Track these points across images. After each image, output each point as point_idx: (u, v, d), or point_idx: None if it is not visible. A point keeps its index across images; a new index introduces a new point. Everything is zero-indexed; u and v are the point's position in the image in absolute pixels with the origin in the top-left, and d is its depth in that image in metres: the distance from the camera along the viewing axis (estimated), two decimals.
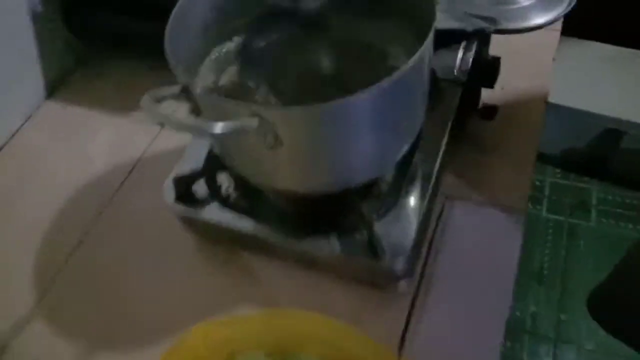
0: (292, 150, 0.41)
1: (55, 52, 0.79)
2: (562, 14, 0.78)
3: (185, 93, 0.41)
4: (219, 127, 0.36)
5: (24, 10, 0.73)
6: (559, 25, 0.77)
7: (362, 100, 0.38)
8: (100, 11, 0.75)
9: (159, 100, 0.40)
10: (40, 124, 0.76)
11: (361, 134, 0.42)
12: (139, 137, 0.71)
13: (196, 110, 0.43)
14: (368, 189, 0.52)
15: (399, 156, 0.48)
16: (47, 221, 0.64)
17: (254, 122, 0.37)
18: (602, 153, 1.54)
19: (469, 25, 0.63)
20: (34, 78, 0.77)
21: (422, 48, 0.39)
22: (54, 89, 0.80)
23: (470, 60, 0.60)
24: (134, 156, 0.70)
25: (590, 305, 1.00)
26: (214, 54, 0.52)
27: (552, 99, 1.39)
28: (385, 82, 0.37)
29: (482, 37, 0.62)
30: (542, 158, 1.61)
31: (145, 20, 0.71)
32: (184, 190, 0.54)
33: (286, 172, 0.45)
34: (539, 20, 0.78)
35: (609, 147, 1.51)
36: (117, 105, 0.76)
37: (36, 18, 0.75)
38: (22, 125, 0.76)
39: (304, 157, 0.43)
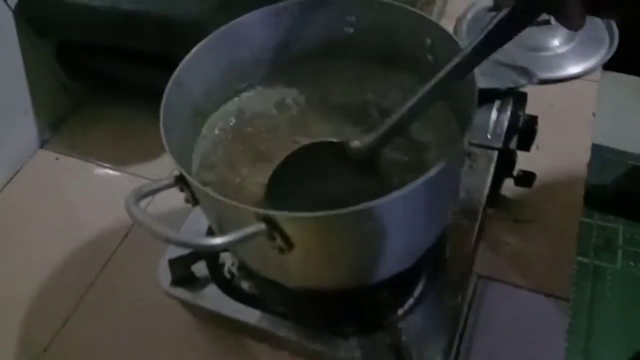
0: (305, 254, 0.35)
1: (50, 98, 0.74)
2: (601, 62, 0.71)
3: (180, 183, 0.35)
4: (219, 242, 0.29)
5: (16, 55, 0.68)
6: (597, 76, 0.70)
7: (385, 206, 0.31)
8: (97, 55, 0.70)
9: (148, 195, 0.33)
10: (31, 178, 0.71)
11: (383, 236, 0.35)
12: None
13: (192, 200, 0.36)
14: (391, 278, 0.45)
15: (426, 249, 0.42)
16: (32, 294, 0.58)
17: (260, 228, 0.31)
18: (628, 190, 1.46)
19: (503, 83, 0.56)
20: (26, 127, 0.72)
21: (458, 148, 0.32)
22: (47, 137, 0.74)
23: (506, 122, 0.53)
24: (129, 218, 0.63)
25: None
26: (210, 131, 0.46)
27: None
28: (413, 185, 0.31)
29: (517, 96, 0.56)
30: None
31: (142, 66, 0.65)
32: (181, 273, 0.47)
33: (298, 273, 0.39)
34: (576, 69, 0.71)
35: (635, 185, 1.43)
36: (113, 156, 0.70)
37: (29, 63, 0.69)
38: (12, 178, 0.70)
39: (319, 259, 0.36)
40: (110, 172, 0.69)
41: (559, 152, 0.62)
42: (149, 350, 0.52)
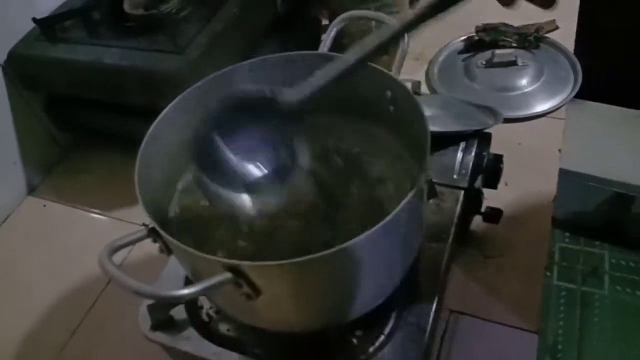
0: (272, 299, 0.37)
1: (38, 147, 0.77)
2: (566, 101, 0.75)
3: (153, 235, 0.37)
4: (186, 292, 0.31)
5: (5, 108, 0.71)
6: (562, 113, 0.73)
7: (348, 250, 0.34)
8: (84, 107, 0.73)
9: (122, 247, 0.36)
10: (19, 224, 0.73)
11: (349, 278, 0.37)
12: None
13: (166, 250, 0.39)
14: (362, 317, 0.47)
15: (393, 287, 0.44)
16: (14, 344, 0.59)
17: (226, 277, 0.33)
18: (613, 217, 1.48)
19: (468, 125, 0.59)
20: (14, 177, 0.74)
21: (412, 192, 0.35)
22: (35, 184, 0.77)
23: (471, 163, 0.56)
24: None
25: None
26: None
27: (559, 164, 1.36)
28: (375, 230, 0.33)
29: (482, 136, 0.59)
30: (551, 221, 1.56)
31: (126, 118, 0.68)
32: (160, 317, 0.49)
33: (269, 316, 0.40)
34: (542, 107, 0.75)
35: (620, 212, 1.46)
36: (98, 203, 0.73)
37: (18, 115, 0.72)
38: (1, 224, 0.72)
39: (287, 303, 0.38)
40: (97, 217, 0.72)
41: (526, 188, 0.65)
42: None
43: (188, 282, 0.50)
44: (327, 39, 0.50)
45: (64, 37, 0.67)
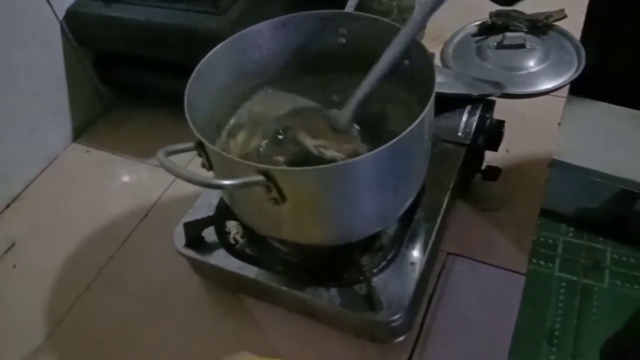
0: (295, 206, 0.44)
1: (84, 99, 0.85)
2: (569, 81, 0.81)
3: (199, 148, 0.44)
4: (226, 183, 0.38)
5: (59, 60, 0.79)
6: (564, 92, 0.79)
7: (362, 164, 0.41)
8: (128, 64, 0.81)
9: (174, 153, 0.43)
10: (64, 167, 0.81)
11: (362, 194, 0.44)
12: (155, 184, 0.75)
13: (208, 165, 0.46)
14: (369, 242, 0.54)
15: (399, 213, 0.51)
16: (58, 265, 0.67)
17: (259, 179, 0.40)
18: (617, 214, 1.53)
19: (474, 91, 0.66)
20: (62, 124, 0.82)
21: (421, 117, 0.42)
22: (80, 133, 0.85)
23: (474, 123, 0.63)
24: (149, 201, 0.73)
25: (603, 355, 0.99)
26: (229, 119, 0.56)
27: (567, 159, 1.42)
28: (384, 149, 0.40)
29: (486, 102, 0.65)
30: (556, 216, 1.61)
31: (167, 75, 0.76)
32: (194, 236, 0.56)
33: (289, 225, 0.47)
34: (546, 85, 0.81)
35: (624, 208, 1.50)
36: (137, 152, 0.80)
37: (70, 68, 0.80)
38: (48, 166, 0.81)
39: (306, 213, 0.45)
40: (135, 163, 0.79)
41: (525, 155, 0.71)
42: (161, 311, 0.61)
43: (217, 212, 0.57)
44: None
45: None
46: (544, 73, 0.83)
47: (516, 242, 0.61)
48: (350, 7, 0.57)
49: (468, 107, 0.65)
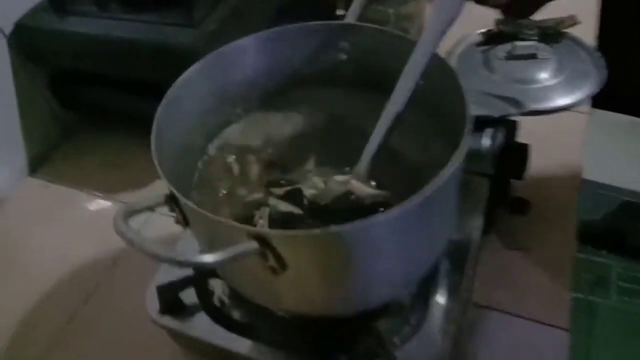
0: (298, 275, 0.34)
1: (41, 126, 0.73)
2: (589, 95, 0.72)
3: (170, 203, 0.34)
4: (208, 261, 0.28)
5: (9, 82, 0.68)
6: (585, 108, 0.71)
7: (382, 224, 0.31)
8: (89, 84, 0.70)
9: (137, 212, 0.33)
10: (20, 205, 0.69)
11: (380, 256, 0.35)
12: None
13: (183, 221, 0.36)
14: (387, 305, 0.44)
15: (423, 273, 0.41)
16: (10, 327, 0.56)
17: (252, 247, 0.30)
18: (620, 226, 1.46)
19: (494, 110, 0.57)
20: (15, 156, 0.71)
21: (456, 164, 0.32)
22: (37, 165, 0.73)
23: (497, 149, 0.53)
24: (118, 245, 0.61)
25: None
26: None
27: (596, 178, 1.33)
28: (411, 203, 0.30)
29: (509, 124, 0.56)
30: (589, 236, 1.53)
31: (135, 96, 0.66)
32: (169, 300, 0.46)
33: (290, 295, 0.38)
34: (564, 100, 0.72)
35: (627, 221, 1.44)
36: (103, 185, 0.69)
37: (22, 91, 0.69)
38: (1, 205, 0.69)
39: (313, 281, 0.35)
40: (100, 200, 0.68)
41: (550, 181, 0.62)
42: None
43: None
44: (355, 8, 0.47)
45: (73, 9, 0.64)
46: (559, 86, 0.74)
47: (552, 288, 0.52)
48: (351, 16, 0.47)
49: (488, 131, 0.55)
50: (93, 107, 0.73)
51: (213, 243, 0.36)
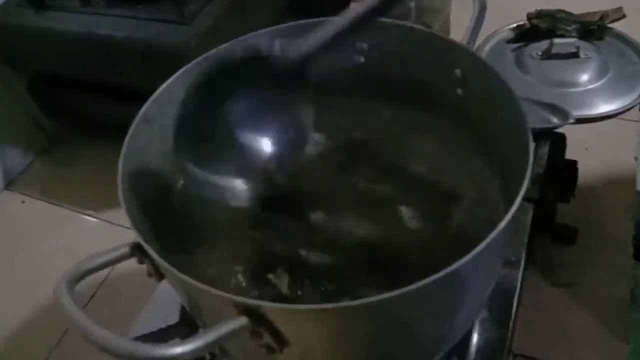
0: (303, 351, 0.26)
1: (19, 134, 0.67)
2: (637, 101, 0.63)
3: (139, 253, 0.27)
4: (179, 350, 0.20)
5: None
6: (635, 114, 0.62)
7: (412, 295, 0.23)
8: (73, 89, 0.62)
9: (94, 271, 0.25)
10: None
11: (405, 328, 0.26)
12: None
13: (156, 274, 0.28)
14: None
15: (461, 336, 0.33)
16: None
17: (241, 323, 0.22)
18: None
19: (535, 121, 0.48)
20: None
21: (510, 214, 0.24)
22: (14, 177, 0.66)
23: (542, 169, 0.45)
24: (98, 275, 0.54)
25: None
26: None
27: None
28: (455, 266, 0.22)
29: (555, 138, 0.48)
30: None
31: (123, 102, 0.58)
32: None
33: None
34: (609, 107, 0.63)
35: None
36: (86, 202, 0.63)
37: None
38: None
39: (321, 358, 0.27)
40: (85, 218, 0.61)
41: (599, 202, 0.53)
42: None
43: (184, 315, 0.40)
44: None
45: (51, 4, 0.57)
46: (603, 90, 0.65)
47: (604, 333, 0.44)
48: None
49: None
50: (77, 114, 0.66)
51: (193, 307, 0.28)
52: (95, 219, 0.61)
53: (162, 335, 0.38)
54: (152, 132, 0.34)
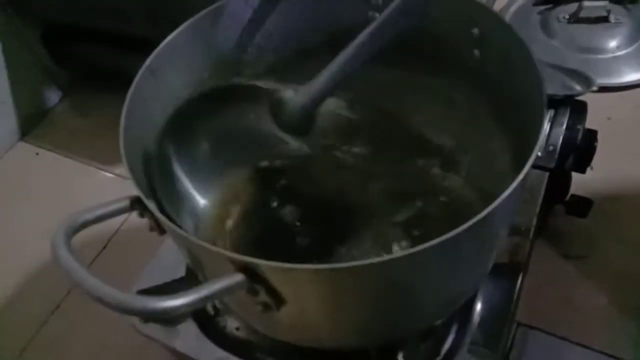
0: (300, 311, 0.26)
1: (33, 85, 0.66)
2: None
3: (139, 207, 0.26)
4: (178, 302, 0.20)
5: None
6: None
7: (416, 257, 0.22)
8: (87, 39, 0.61)
9: (90, 224, 0.25)
10: (6, 173, 0.63)
11: (403, 290, 0.26)
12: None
13: (158, 228, 0.28)
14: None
15: (462, 302, 0.32)
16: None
17: (238, 280, 0.22)
18: None
19: (559, 88, 0.47)
20: (4, 117, 0.64)
21: (521, 177, 0.23)
22: (28, 128, 0.66)
23: (561, 137, 0.44)
24: (109, 228, 0.55)
25: None
26: None
27: None
28: (455, 232, 0.21)
29: (576, 106, 0.46)
30: None
31: (133, 52, 0.57)
32: None
33: (291, 328, 0.30)
34: (636, 75, 0.61)
35: None
36: (99, 154, 0.62)
37: (10, 48, 0.61)
38: None
39: (319, 317, 0.27)
40: (97, 171, 0.62)
41: (617, 174, 0.52)
42: None
43: (190, 271, 0.40)
44: None
45: None
46: (632, 57, 0.63)
47: (613, 308, 0.43)
48: None
49: (549, 113, 0.45)
50: (90, 65, 0.65)
51: (195, 262, 0.28)
52: (108, 174, 0.61)
53: (165, 290, 0.39)
54: (157, 84, 0.34)
